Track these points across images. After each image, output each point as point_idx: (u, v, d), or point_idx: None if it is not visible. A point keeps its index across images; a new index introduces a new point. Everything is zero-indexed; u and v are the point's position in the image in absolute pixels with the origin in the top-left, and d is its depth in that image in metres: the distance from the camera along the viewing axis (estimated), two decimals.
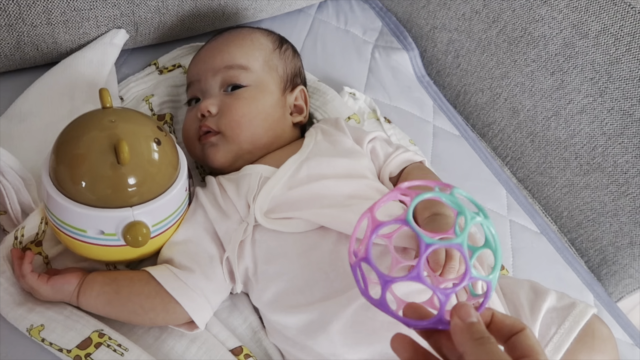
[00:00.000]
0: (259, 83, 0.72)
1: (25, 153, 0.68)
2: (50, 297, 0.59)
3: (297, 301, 0.59)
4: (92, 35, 0.79)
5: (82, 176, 0.55)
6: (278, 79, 0.74)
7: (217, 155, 0.69)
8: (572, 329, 0.58)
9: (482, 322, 0.38)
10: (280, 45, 0.78)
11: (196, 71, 0.75)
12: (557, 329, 0.58)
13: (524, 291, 0.61)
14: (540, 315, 0.58)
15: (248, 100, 0.70)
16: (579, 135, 0.88)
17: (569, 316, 0.59)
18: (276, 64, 0.75)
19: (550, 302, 0.60)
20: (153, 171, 0.58)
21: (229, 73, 0.71)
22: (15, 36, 0.73)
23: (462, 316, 0.38)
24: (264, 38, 0.77)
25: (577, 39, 0.83)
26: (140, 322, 0.61)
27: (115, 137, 0.55)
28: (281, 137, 0.73)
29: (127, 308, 0.60)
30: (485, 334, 0.37)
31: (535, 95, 0.92)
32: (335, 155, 0.68)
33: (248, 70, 0.72)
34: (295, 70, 0.78)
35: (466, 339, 0.37)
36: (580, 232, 0.93)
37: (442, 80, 1.07)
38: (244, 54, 0.73)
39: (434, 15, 1.04)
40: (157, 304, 0.59)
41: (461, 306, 0.38)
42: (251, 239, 0.62)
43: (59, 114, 0.73)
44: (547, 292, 0.61)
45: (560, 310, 0.59)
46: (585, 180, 0.89)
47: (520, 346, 0.38)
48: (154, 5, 0.80)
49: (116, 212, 0.56)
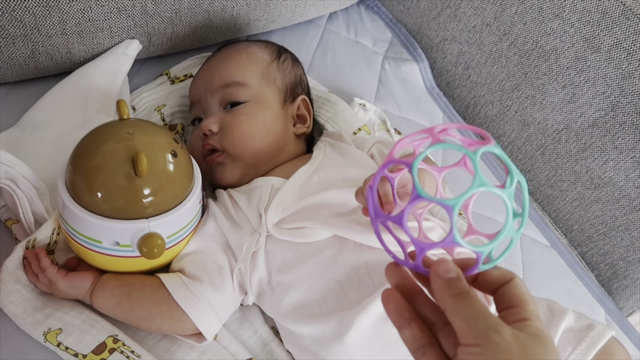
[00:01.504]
0: (257, 98, 0.72)
1: (38, 162, 0.69)
2: (67, 292, 0.60)
3: (312, 311, 0.58)
4: (106, 45, 0.80)
5: (98, 187, 0.55)
6: (277, 91, 0.74)
7: (225, 173, 0.70)
8: (589, 350, 0.57)
9: (462, 278, 0.36)
10: (278, 56, 0.78)
11: (196, 92, 0.76)
12: (573, 349, 0.57)
13: (542, 310, 0.60)
14: (557, 336, 0.58)
15: (248, 117, 0.70)
16: (590, 148, 0.88)
17: (586, 337, 0.58)
18: (274, 76, 0.75)
19: (568, 322, 0.59)
20: (169, 183, 0.58)
21: (227, 91, 0.72)
22: (30, 46, 0.74)
23: (440, 272, 0.36)
24: (261, 51, 0.77)
25: (589, 53, 0.83)
26: (147, 328, 0.62)
27: (133, 149, 0.55)
28: (285, 150, 0.73)
29: (135, 312, 0.60)
30: (464, 289, 0.35)
31: (546, 108, 0.92)
32: (346, 165, 0.68)
33: (246, 86, 0.72)
34: (295, 80, 0.78)
35: (445, 295, 0.36)
36: (591, 245, 0.93)
37: (452, 91, 1.07)
38: (240, 69, 0.73)
39: (444, 27, 1.04)
40: (164, 310, 0.59)
41: (440, 262, 0.37)
42: (264, 249, 0.62)
43: (72, 124, 0.74)
44: (565, 312, 0.60)
45: (578, 331, 0.59)
46: (596, 194, 0.89)
47: (508, 296, 0.36)
48: (168, 16, 0.81)
49: (132, 223, 0.56)
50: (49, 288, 0.61)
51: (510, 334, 0.33)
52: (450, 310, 0.35)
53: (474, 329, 0.33)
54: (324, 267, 0.59)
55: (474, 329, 0.33)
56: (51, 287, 0.61)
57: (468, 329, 0.34)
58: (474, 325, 0.33)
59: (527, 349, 0.33)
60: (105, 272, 0.62)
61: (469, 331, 0.34)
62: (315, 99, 0.87)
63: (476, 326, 0.33)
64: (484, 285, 0.38)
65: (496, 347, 0.32)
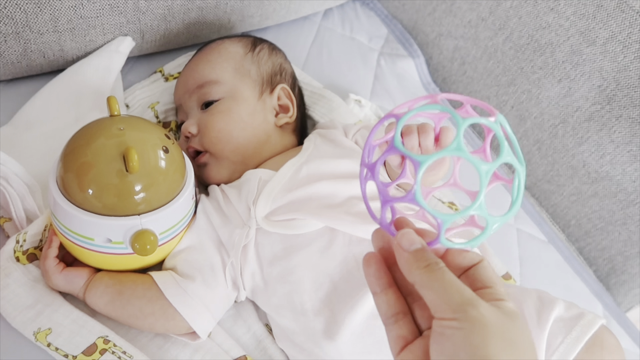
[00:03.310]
0: (231, 93, 0.71)
1: (31, 160, 0.69)
2: (61, 286, 0.60)
3: (303, 304, 0.58)
4: (99, 42, 0.79)
5: (89, 184, 0.55)
6: (252, 83, 0.73)
7: (212, 173, 0.70)
8: (579, 339, 0.57)
9: (427, 248, 0.34)
10: (253, 47, 0.76)
11: (177, 96, 0.76)
12: (563, 338, 0.57)
13: (532, 301, 0.60)
14: (548, 325, 0.58)
15: (222, 114, 0.70)
16: (586, 143, 0.87)
17: (577, 326, 0.58)
18: (248, 69, 0.74)
19: (558, 312, 0.59)
20: (161, 179, 0.58)
21: (202, 91, 0.72)
22: (22, 44, 0.73)
23: (404, 245, 0.34)
24: (234, 45, 0.76)
25: (584, 46, 0.82)
26: (140, 327, 0.61)
27: (124, 145, 0.55)
28: (269, 142, 0.72)
29: (127, 311, 0.60)
30: (432, 260, 0.34)
31: (542, 103, 0.91)
32: (336, 157, 0.67)
33: (218, 83, 0.71)
34: (273, 69, 0.76)
35: (414, 268, 0.34)
36: (589, 240, 0.93)
37: (448, 87, 1.07)
38: (212, 68, 0.73)
39: (439, 23, 1.04)
40: (156, 309, 0.59)
41: (403, 234, 0.35)
42: (254, 242, 0.61)
43: (65, 121, 0.73)
44: (555, 302, 0.60)
45: (568, 320, 0.58)
46: (594, 189, 0.89)
47: (480, 278, 0.35)
48: (160, 13, 0.80)
49: (124, 220, 0.56)
50: (44, 276, 0.61)
51: (487, 309, 0.32)
52: (421, 283, 0.33)
53: (450, 303, 0.32)
54: (312, 259, 0.59)
55: (449, 302, 0.32)
56: (46, 277, 0.61)
57: (442, 303, 0.32)
58: (449, 299, 0.32)
59: (505, 326, 0.32)
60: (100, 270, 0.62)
61: (443, 305, 0.32)
62: (311, 95, 0.86)
63: (452, 300, 0.32)
64: (451, 265, 0.36)
65: (474, 322, 0.31)
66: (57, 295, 0.61)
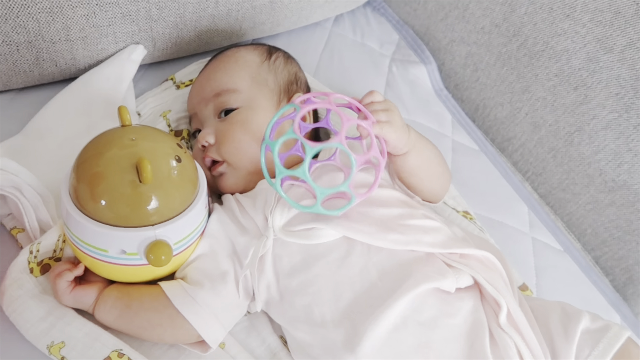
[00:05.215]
0: (249, 102, 0.71)
1: (43, 169, 0.68)
2: (70, 305, 0.60)
3: (323, 316, 0.57)
4: (110, 51, 0.79)
5: (102, 195, 0.55)
6: (269, 92, 0.73)
7: (228, 183, 0.70)
8: (606, 351, 0.56)
9: None
10: (269, 56, 0.76)
11: (192, 105, 0.76)
12: (590, 351, 0.56)
13: (556, 314, 0.59)
14: (576, 339, 0.57)
15: (241, 123, 0.69)
16: (603, 151, 0.86)
17: (604, 338, 0.57)
18: (265, 78, 0.74)
19: (585, 324, 0.58)
20: (173, 189, 0.57)
21: (219, 99, 0.71)
22: (35, 53, 0.73)
23: None
24: (250, 54, 0.76)
25: (601, 54, 0.81)
26: (149, 338, 0.61)
27: (136, 155, 0.54)
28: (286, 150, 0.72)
29: (135, 323, 0.59)
30: None
31: (557, 110, 0.90)
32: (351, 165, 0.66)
33: (236, 92, 0.71)
34: (289, 78, 0.76)
35: None
36: (605, 250, 0.91)
37: (461, 94, 1.06)
38: (230, 77, 0.72)
39: (452, 29, 1.03)
40: (164, 319, 0.59)
41: None
42: (272, 253, 0.61)
43: (76, 130, 0.73)
44: (581, 314, 0.59)
45: (594, 332, 0.58)
46: (610, 198, 0.87)
47: None
48: (172, 20, 0.80)
49: (138, 231, 0.55)
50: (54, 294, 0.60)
51: None
52: None
53: None
54: (332, 269, 0.58)
55: None
56: (55, 296, 0.60)
57: None
58: None
59: None
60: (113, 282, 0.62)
61: None
62: None
63: None
64: None
65: None
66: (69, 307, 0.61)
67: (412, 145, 0.62)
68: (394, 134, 0.59)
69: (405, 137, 0.61)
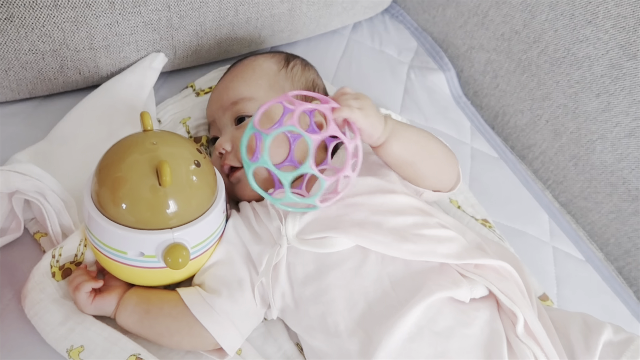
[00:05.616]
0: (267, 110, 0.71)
1: (66, 175, 0.70)
2: (93, 314, 0.61)
3: (337, 325, 0.57)
4: (132, 59, 0.81)
5: (123, 198, 0.55)
6: None
7: (246, 190, 0.69)
8: None
9: None
10: (286, 63, 0.76)
11: (210, 112, 0.76)
12: None
13: (577, 325, 0.58)
14: (597, 351, 0.56)
15: None
16: (626, 159, 0.84)
17: (627, 351, 0.56)
18: (282, 85, 0.74)
19: (607, 336, 0.57)
20: (192, 193, 0.58)
21: (236, 107, 0.71)
22: (59, 61, 0.75)
23: None
24: (267, 62, 0.76)
25: (624, 60, 0.80)
26: (168, 344, 0.61)
27: (157, 159, 0.55)
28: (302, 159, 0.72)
29: (155, 329, 0.60)
30: None
31: (579, 117, 0.89)
32: (365, 174, 0.66)
33: (252, 99, 0.71)
34: (307, 85, 0.76)
35: None
36: (629, 260, 0.89)
37: (480, 101, 1.05)
38: (247, 85, 0.73)
39: (471, 35, 1.02)
40: (182, 326, 0.59)
41: None
42: (286, 261, 0.61)
43: (98, 137, 0.74)
44: (603, 326, 0.58)
45: (617, 344, 0.56)
46: (634, 207, 0.85)
47: None
48: (193, 29, 0.81)
49: (157, 234, 0.56)
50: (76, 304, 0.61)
51: None
52: None
53: None
54: (346, 278, 0.58)
55: None
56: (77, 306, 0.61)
57: None
58: None
59: None
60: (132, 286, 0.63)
61: None
62: None
63: None
64: None
65: None
66: None
67: (389, 132, 0.60)
68: (365, 119, 0.58)
69: (380, 125, 0.59)
